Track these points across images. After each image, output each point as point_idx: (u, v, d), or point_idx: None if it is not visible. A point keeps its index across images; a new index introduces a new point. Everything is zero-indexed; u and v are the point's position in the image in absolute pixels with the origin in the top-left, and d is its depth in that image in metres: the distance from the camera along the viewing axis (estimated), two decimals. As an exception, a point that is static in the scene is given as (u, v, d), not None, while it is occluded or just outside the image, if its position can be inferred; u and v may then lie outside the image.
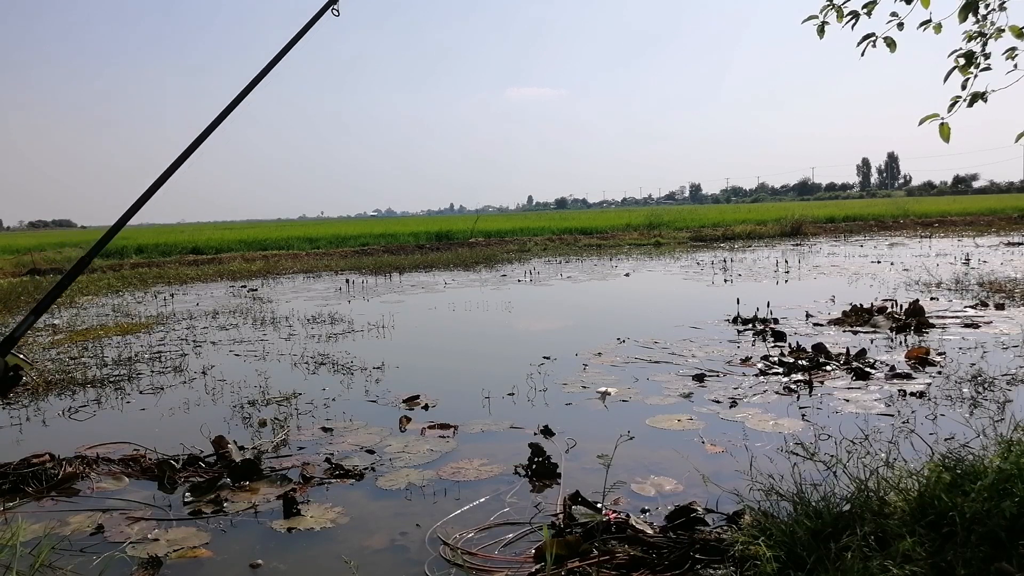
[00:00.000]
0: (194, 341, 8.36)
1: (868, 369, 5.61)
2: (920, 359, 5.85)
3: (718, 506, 3.15)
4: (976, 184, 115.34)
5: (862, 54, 3.58)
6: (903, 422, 4.32)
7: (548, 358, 6.63)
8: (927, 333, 7.08)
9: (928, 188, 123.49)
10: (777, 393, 5.17)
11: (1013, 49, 3.39)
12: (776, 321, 7.99)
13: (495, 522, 3.26)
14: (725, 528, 2.91)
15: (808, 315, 8.37)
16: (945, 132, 3.26)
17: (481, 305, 10.71)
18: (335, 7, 2.09)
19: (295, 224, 67.77)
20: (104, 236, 2.35)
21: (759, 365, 5.98)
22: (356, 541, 3.19)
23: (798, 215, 29.70)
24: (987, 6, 3.43)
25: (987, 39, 3.43)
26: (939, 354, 6.05)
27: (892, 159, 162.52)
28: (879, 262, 15.15)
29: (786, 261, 16.24)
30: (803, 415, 4.64)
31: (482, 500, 3.52)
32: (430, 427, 4.72)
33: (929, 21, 3.48)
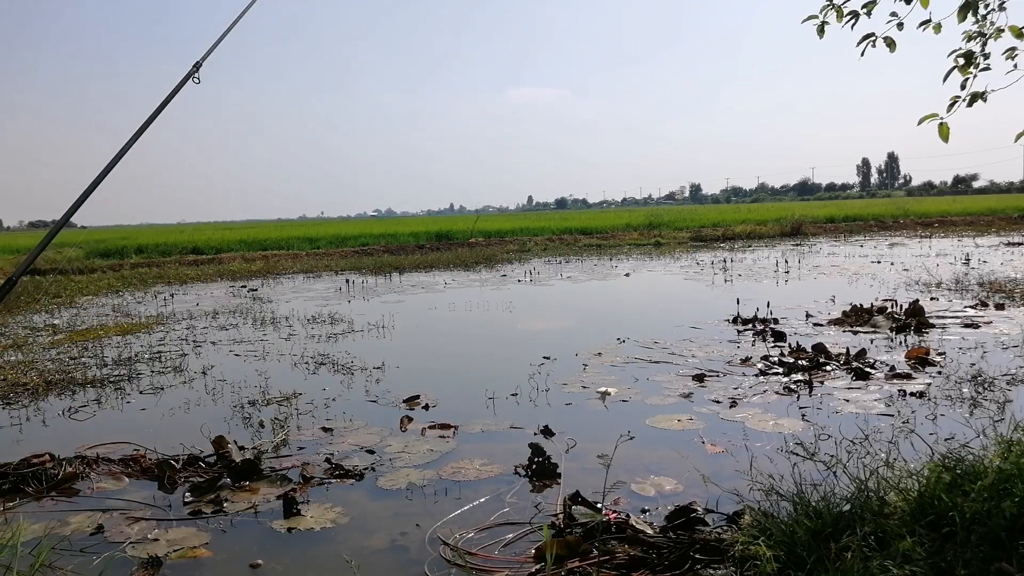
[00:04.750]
0: (194, 341, 8.36)
1: (868, 369, 5.61)
2: (920, 359, 5.85)
3: (718, 506, 3.15)
4: (976, 184, 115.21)
5: (862, 54, 3.58)
6: (903, 422, 4.32)
7: (548, 358, 6.63)
8: (927, 333, 7.08)
9: (928, 188, 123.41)
10: (777, 393, 5.17)
11: (1013, 49, 3.39)
12: (776, 321, 7.99)
13: (495, 522, 3.26)
14: (725, 528, 2.91)
15: (808, 315, 8.37)
16: (944, 132, 3.26)
17: (481, 305, 10.71)
18: (196, 76, 2.16)
19: (295, 224, 67.71)
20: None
21: (759, 365, 5.98)
22: (356, 541, 3.19)
23: (798, 215, 29.72)
24: (987, 6, 3.43)
25: (987, 39, 3.43)
26: (939, 354, 6.05)
27: (892, 159, 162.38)
28: (879, 262, 15.15)
29: (786, 261, 16.24)
30: (803, 415, 4.64)
31: (482, 500, 3.52)
32: (430, 427, 4.72)
33: (929, 21, 3.48)
